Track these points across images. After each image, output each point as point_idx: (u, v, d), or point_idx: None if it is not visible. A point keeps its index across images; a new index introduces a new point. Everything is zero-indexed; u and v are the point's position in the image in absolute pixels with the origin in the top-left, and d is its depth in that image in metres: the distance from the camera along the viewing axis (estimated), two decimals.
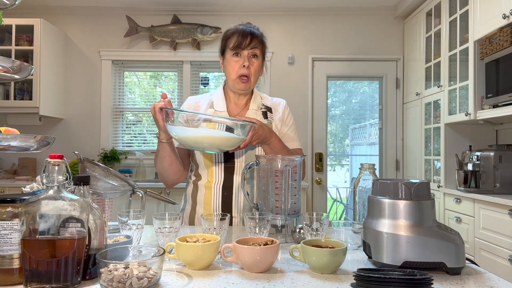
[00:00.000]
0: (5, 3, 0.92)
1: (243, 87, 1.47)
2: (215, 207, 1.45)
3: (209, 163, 1.46)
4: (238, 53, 1.45)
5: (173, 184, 1.50)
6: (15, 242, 0.79)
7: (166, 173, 1.44)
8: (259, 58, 1.48)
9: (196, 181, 1.52)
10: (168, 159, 1.40)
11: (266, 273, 0.88)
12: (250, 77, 1.46)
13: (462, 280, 0.84)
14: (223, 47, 1.50)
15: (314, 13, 4.13)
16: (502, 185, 2.68)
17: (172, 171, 1.44)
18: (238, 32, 1.45)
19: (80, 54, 4.13)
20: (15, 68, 0.90)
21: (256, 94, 1.57)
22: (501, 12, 2.50)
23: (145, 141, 4.25)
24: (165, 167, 1.42)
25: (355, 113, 4.37)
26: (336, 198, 5.23)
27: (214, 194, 1.45)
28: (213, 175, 1.46)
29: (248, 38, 1.44)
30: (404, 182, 0.91)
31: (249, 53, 1.45)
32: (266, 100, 1.58)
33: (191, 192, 1.53)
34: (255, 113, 1.52)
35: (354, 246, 1.11)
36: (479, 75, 2.82)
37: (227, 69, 1.48)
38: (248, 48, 1.44)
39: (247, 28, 1.47)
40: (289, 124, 1.57)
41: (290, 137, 1.55)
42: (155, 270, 0.77)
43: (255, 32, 1.46)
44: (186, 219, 1.53)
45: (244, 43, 1.43)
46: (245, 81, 1.46)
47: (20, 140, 0.87)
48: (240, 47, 1.44)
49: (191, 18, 4.08)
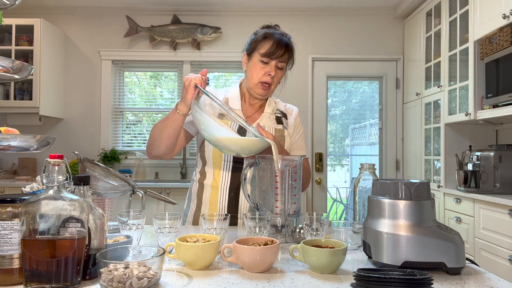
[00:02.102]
0: (5, 3, 0.92)
1: (262, 93, 1.46)
2: (221, 207, 1.44)
3: (218, 161, 1.45)
4: (266, 61, 1.42)
5: (155, 156, 1.42)
6: (15, 242, 0.79)
7: (159, 142, 1.37)
8: (284, 69, 1.47)
9: (202, 180, 1.50)
10: (171, 131, 1.34)
11: (266, 273, 0.88)
12: (271, 85, 1.45)
13: (462, 280, 0.84)
14: (252, 48, 1.45)
15: (314, 13, 4.13)
16: (502, 185, 2.68)
17: (165, 144, 1.37)
18: (274, 40, 1.41)
19: (80, 54, 4.13)
20: (15, 68, 0.90)
21: (270, 98, 1.57)
22: (501, 12, 2.50)
23: (145, 141, 4.25)
24: (163, 136, 1.36)
25: (355, 113, 4.37)
26: (336, 198, 5.23)
27: (221, 194, 1.44)
28: (220, 174, 1.45)
29: (282, 49, 1.41)
30: (404, 182, 0.91)
31: (277, 63, 1.43)
32: (279, 105, 1.59)
33: (197, 191, 1.51)
34: (269, 117, 1.52)
35: (354, 246, 1.11)
36: (479, 75, 2.82)
37: (251, 71, 1.45)
38: (278, 59, 1.42)
39: (283, 38, 1.42)
40: (299, 132, 1.58)
41: (299, 145, 1.56)
42: (155, 270, 0.77)
43: (289, 45, 1.44)
44: (191, 218, 1.51)
45: (277, 54, 1.40)
46: (266, 88, 1.45)
47: (20, 140, 0.87)
48: (270, 57, 1.41)
49: (191, 18, 4.08)
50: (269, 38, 1.42)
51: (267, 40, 1.42)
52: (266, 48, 1.41)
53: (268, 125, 1.49)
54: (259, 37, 1.44)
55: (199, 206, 1.49)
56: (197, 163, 1.55)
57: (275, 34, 1.43)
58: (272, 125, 1.50)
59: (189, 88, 1.24)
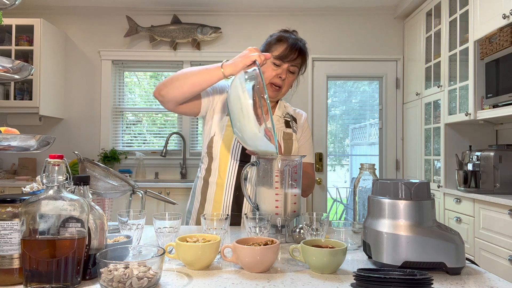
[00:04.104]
0: (5, 3, 0.92)
1: (271, 95, 1.47)
2: (226, 206, 1.43)
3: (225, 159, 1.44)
4: (279, 64, 1.42)
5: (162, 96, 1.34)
6: (15, 242, 0.79)
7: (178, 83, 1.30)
8: (295, 74, 1.47)
9: (207, 177, 1.49)
10: (199, 81, 1.29)
11: (266, 273, 0.88)
12: (282, 87, 1.45)
13: (462, 280, 0.84)
14: (266, 50, 1.46)
15: (314, 13, 4.13)
16: (502, 185, 2.68)
17: (182, 90, 1.31)
18: (288, 43, 1.42)
19: (80, 54, 4.13)
20: (15, 68, 0.90)
21: (280, 101, 1.57)
22: (501, 12, 2.50)
23: (145, 141, 4.25)
24: (188, 81, 1.29)
25: (355, 113, 4.37)
26: (336, 198, 5.23)
27: (226, 193, 1.43)
28: (226, 172, 1.44)
29: (295, 53, 1.41)
30: (404, 182, 0.91)
31: (289, 67, 1.43)
32: (289, 109, 1.59)
33: (201, 189, 1.50)
34: (278, 120, 1.52)
35: (354, 246, 1.11)
36: (479, 75, 2.82)
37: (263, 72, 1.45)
38: (291, 62, 1.42)
39: (296, 42, 1.43)
40: (306, 137, 1.58)
41: (305, 150, 1.56)
42: (155, 270, 0.77)
43: (303, 50, 1.44)
44: (195, 215, 1.51)
45: (290, 58, 1.41)
46: (276, 90, 1.45)
47: (20, 140, 0.87)
48: (283, 60, 1.41)
49: (191, 18, 4.08)
50: (283, 41, 1.43)
51: (281, 43, 1.43)
52: (279, 51, 1.42)
53: (277, 128, 1.49)
54: (273, 40, 1.45)
55: (202, 204, 1.48)
56: (203, 159, 1.54)
57: (290, 38, 1.44)
58: (281, 128, 1.51)
59: (247, 58, 1.22)
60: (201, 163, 1.56)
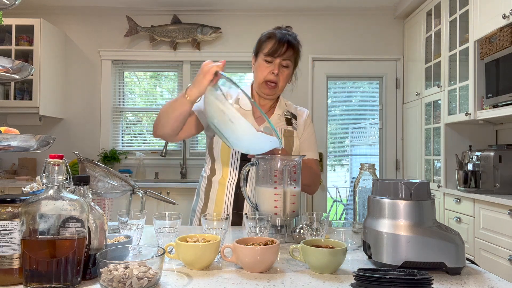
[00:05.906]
0: (5, 3, 0.92)
1: (268, 92, 1.47)
2: (227, 205, 1.44)
3: (226, 159, 1.45)
4: (270, 60, 1.43)
5: (160, 136, 1.40)
6: (15, 242, 0.79)
7: (164, 122, 1.35)
8: (290, 67, 1.46)
9: (211, 176, 1.51)
10: (177, 115, 1.31)
11: (266, 273, 0.88)
12: (278, 83, 1.45)
13: (462, 280, 0.84)
14: (257, 49, 1.48)
15: (314, 13, 4.13)
16: (502, 185, 2.68)
17: (170, 126, 1.34)
18: (275, 38, 1.42)
19: (80, 54, 4.13)
20: (15, 68, 0.90)
21: (281, 99, 1.57)
22: (501, 12, 2.50)
23: (145, 141, 4.25)
24: (169, 118, 1.33)
25: (355, 113, 4.37)
26: (336, 198, 5.24)
27: (227, 191, 1.45)
28: (227, 171, 1.46)
29: (283, 47, 1.41)
30: (404, 182, 0.91)
31: (281, 61, 1.43)
32: (290, 107, 1.59)
33: (205, 188, 1.52)
34: (279, 118, 1.52)
35: (354, 246, 1.11)
36: (479, 75, 2.82)
37: (257, 71, 1.47)
38: (281, 57, 1.42)
39: (284, 36, 1.43)
40: (310, 133, 1.58)
41: (308, 146, 1.55)
42: (155, 270, 0.77)
43: (291, 42, 1.43)
44: (198, 214, 1.52)
45: (279, 52, 1.41)
46: (272, 87, 1.45)
47: (20, 140, 0.87)
48: (273, 55, 1.41)
49: (191, 18, 4.08)
50: (271, 38, 1.44)
51: (270, 39, 1.44)
52: (268, 47, 1.42)
53: (277, 126, 1.49)
54: (263, 37, 1.47)
55: (206, 203, 1.50)
56: (206, 160, 1.56)
57: (277, 32, 1.44)
58: (282, 126, 1.51)
59: (207, 74, 1.21)
60: (205, 163, 1.59)
